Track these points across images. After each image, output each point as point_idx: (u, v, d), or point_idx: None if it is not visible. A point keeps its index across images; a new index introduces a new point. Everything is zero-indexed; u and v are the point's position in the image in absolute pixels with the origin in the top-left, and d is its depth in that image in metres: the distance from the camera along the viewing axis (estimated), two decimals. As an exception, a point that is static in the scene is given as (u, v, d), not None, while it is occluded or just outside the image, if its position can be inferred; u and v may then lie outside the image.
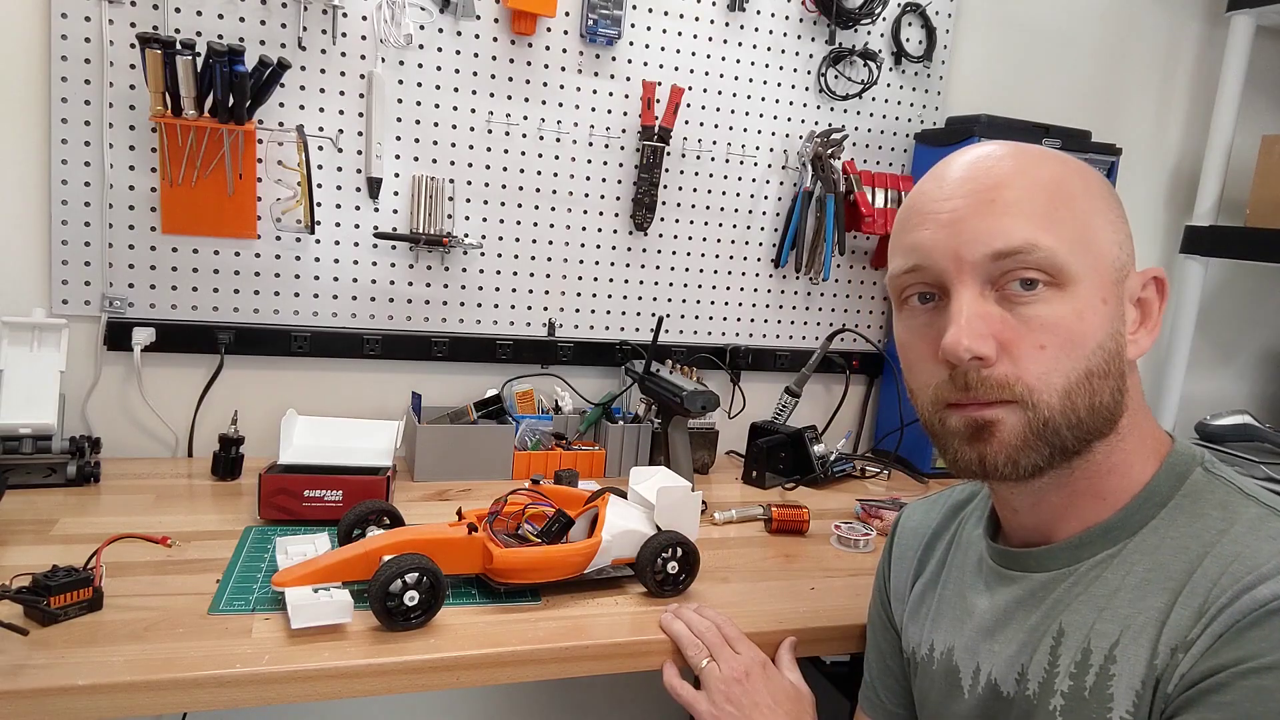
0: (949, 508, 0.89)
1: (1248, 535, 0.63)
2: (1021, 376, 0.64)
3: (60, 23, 1.30)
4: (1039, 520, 0.73)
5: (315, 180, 1.44)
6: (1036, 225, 0.64)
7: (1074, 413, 0.65)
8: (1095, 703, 0.64)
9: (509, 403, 1.53)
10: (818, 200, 1.71)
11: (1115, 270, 0.67)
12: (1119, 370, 0.67)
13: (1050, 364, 0.64)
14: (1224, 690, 0.57)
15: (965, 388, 0.66)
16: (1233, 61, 1.93)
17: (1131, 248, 0.70)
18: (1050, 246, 0.63)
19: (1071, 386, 0.64)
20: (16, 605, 0.87)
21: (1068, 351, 0.64)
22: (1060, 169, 0.68)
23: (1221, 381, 2.25)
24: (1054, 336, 0.64)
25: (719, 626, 0.97)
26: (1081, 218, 0.66)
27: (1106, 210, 0.68)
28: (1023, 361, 0.64)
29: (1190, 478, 0.68)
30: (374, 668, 0.87)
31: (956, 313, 0.65)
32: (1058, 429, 0.65)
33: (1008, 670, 0.72)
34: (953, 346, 0.64)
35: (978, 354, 0.64)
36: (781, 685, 0.93)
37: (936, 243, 0.67)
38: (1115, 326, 0.66)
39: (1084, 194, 0.67)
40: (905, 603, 0.89)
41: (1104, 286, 0.66)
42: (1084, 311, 0.64)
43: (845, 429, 1.85)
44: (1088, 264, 0.65)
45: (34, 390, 1.26)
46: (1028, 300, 0.64)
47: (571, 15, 1.54)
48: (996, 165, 0.67)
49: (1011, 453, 0.66)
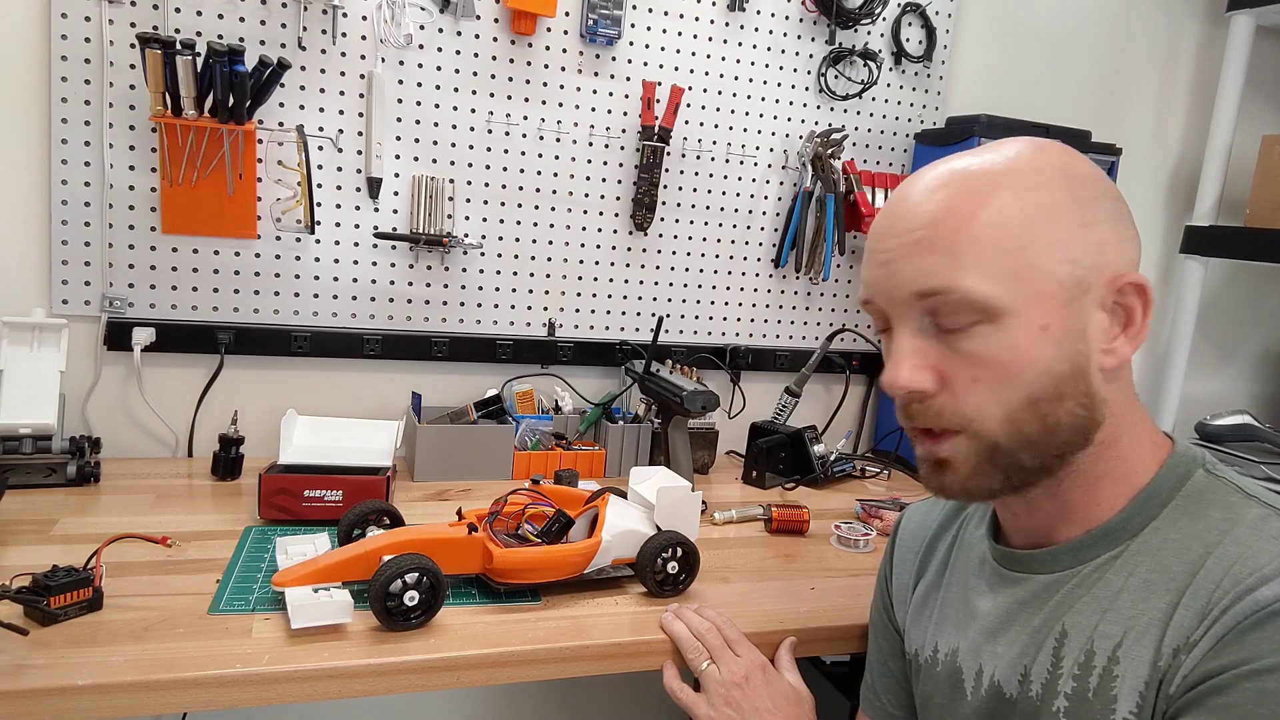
0: (951, 509, 0.89)
1: (1250, 536, 0.63)
2: (959, 408, 0.66)
3: (60, 23, 1.30)
4: (1037, 524, 0.73)
5: (315, 180, 1.44)
6: (958, 264, 0.64)
7: (1022, 436, 0.66)
8: (1099, 704, 0.64)
9: (509, 403, 1.53)
10: (818, 200, 1.71)
11: (1064, 290, 0.64)
12: (1081, 389, 0.66)
13: (985, 396, 0.66)
14: (1226, 692, 0.57)
15: (909, 417, 0.70)
16: (1233, 61, 1.93)
17: (1101, 255, 0.66)
18: (967, 286, 0.64)
19: (1013, 414, 0.65)
20: (16, 605, 0.87)
21: (1003, 383, 0.65)
22: (1000, 195, 0.65)
23: (1221, 381, 2.25)
24: (987, 370, 0.65)
25: (720, 628, 0.97)
26: (1014, 248, 0.64)
27: (1056, 227, 0.65)
28: (959, 394, 0.66)
29: (1191, 479, 0.68)
30: (374, 668, 0.87)
31: (896, 350, 0.68)
32: (1008, 452, 0.66)
33: (1011, 672, 0.72)
34: (888, 383, 0.69)
35: (910, 389, 0.67)
36: (781, 688, 0.93)
37: (877, 281, 0.69)
38: (1068, 347, 0.65)
39: (1025, 220, 0.64)
40: (907, 604, 0.89)
41: (1045, 312, 0.64)
42: (1017, 342, 0.64)
43: (845, 429, 1.85)
44: (1022, 293, 0.64)
45: (34, 390, 1.26)
46: (960, 335, 0.66)
47: (571, 15, 1.54)
48: (928, 199, 0.67)
49: (964, 482, 0.69)
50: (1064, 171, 0.67)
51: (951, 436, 0.68)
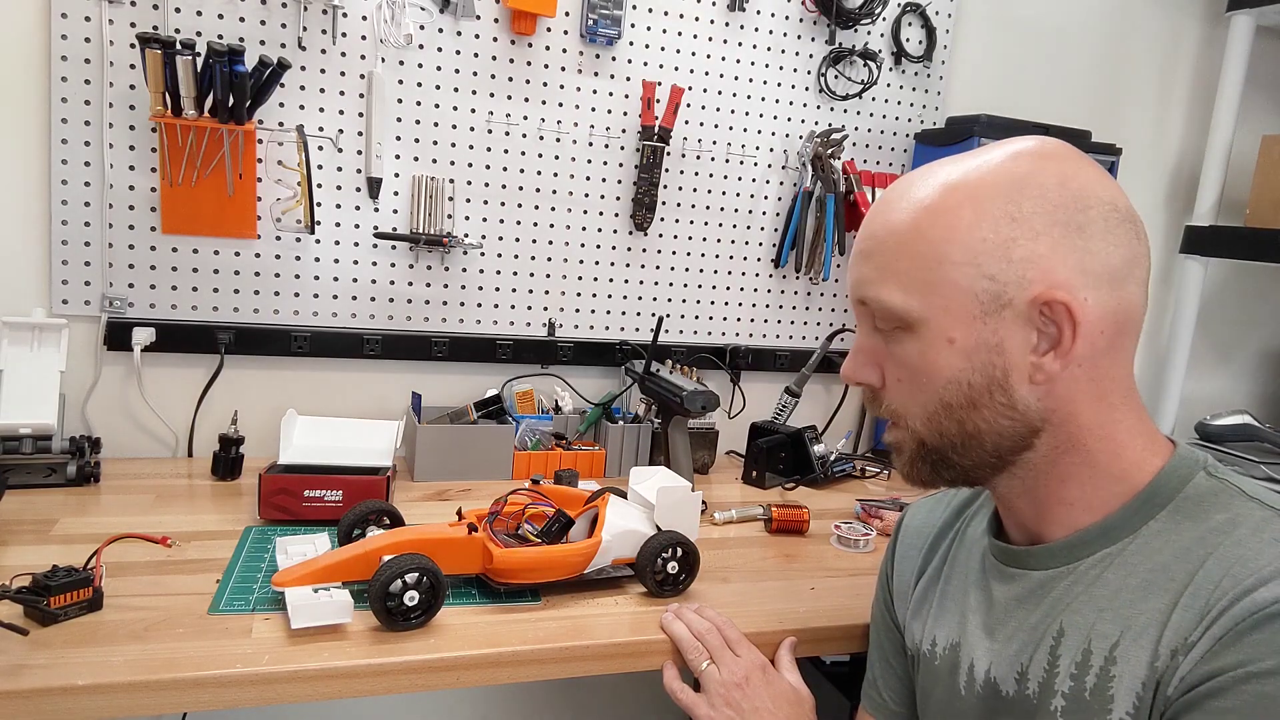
0: (954, 506, 0.89)
1: (1251, 538, 0.63)
2: (891, 403, 0.74)
3: (60, 23, 1.30)
4: (1024, 520, 0.74)
5: (315, 180, 1.44)
6: (881, 275, 0.70)
7: (945, 437, 0.71)
8: (1096, 703, 0.65)
9: (509, 403, 1.53)
10: (818, 200, 1.71)
11: (977, 305, 0.66)
12: (999, 400, 0.67)
13: (906, 395, 0.72)
14: (1223, 695, 0.57)
15: (868, 405, 0.78)
16: (1233, 61, 1.93)
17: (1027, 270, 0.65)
18: (882, 297, 0.70)
19: (930, 415, 0.71)
20: (16, 605, 0.87)
21: (919, 385, 0.70)
22: (925, 213, 0.67)
23: (1221, 381, 2.25)
24: (905, 371, 0.71)
25: (720, 628, 0.97)
26: (930, 262, 0.67)
27: (980, 242, 0.65)
28: (890, 391, 0.73)
29: (1193, 480, 0.68)
30: (374, 668, 0.87)
31: (852, 346, 0.76)
32: (936, 448, 0.72)
33: (1008, 669, 0.72)
34: (842, 373, 0.77)
35: (856, 381, 0.75)
36: (781, 688, 0.93)
37: (848, 282, 0.76)
38: (981, 359, 0.67)
39: (942, 236, 0.66)
40: (908, 600, 0.89)
41: (953, 326, 0.67)
42: (926, 351, 0.69)
43: (845, 429, 1.85)
44: (933, 306, 0.67)
45: (34, 390, 1.26)
46: (890, 338, 0.72)
47: (571, 15, 1.54)
48: (876, 214, 0.72)
49: (906, 467, 0.75)
50: (1015, 185, 0.66)
51: (894, 427, 0.75)
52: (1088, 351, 0.66)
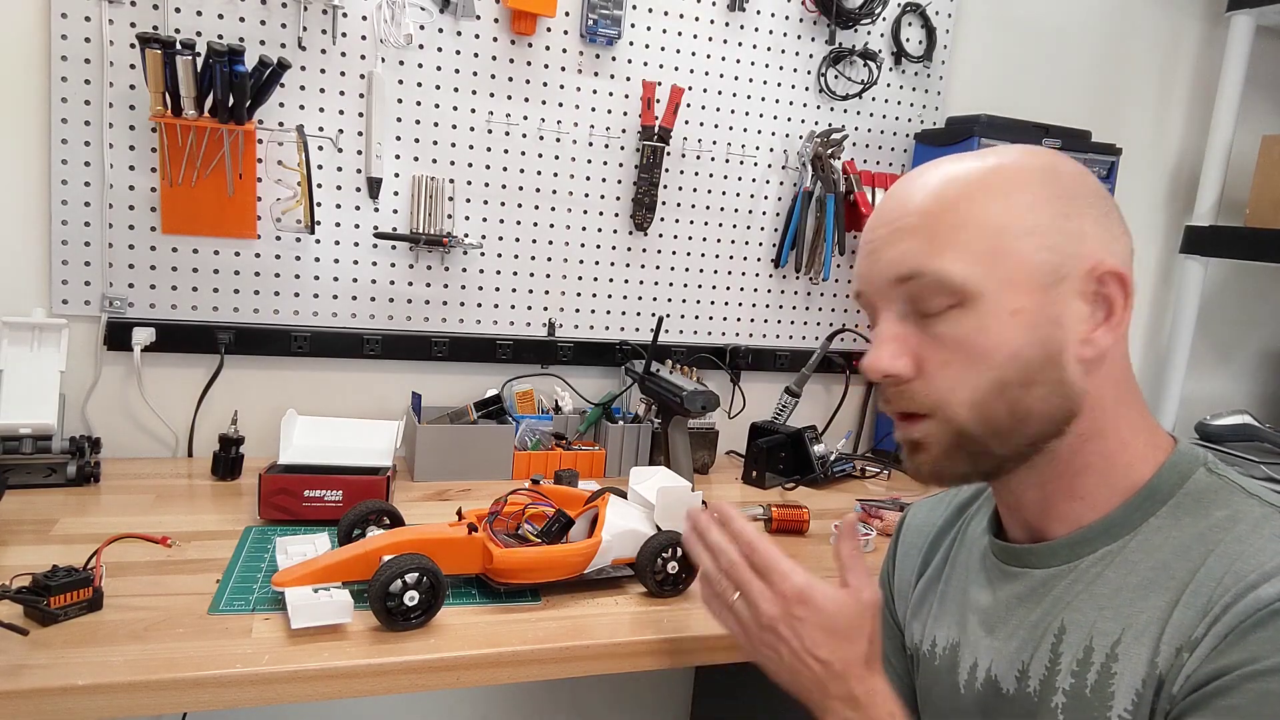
0: (954, 505, 0.89)
1: (1252, 534, 0.63)
2: (929, 392, 0.69)
3: (60, 23, 1.30)
4: (1027, 516, 0.74)
5: (315, 180, 1.44)
6: (934, 248, 0.67)
7: (990, 422, 0.67)
8: (1096, 701, 0.65)
9: (509, 403, 1.53)
10: (818, 200, 1.71)
11: (1040, 275, 0.66)
12: (1053, 377, 0.66)
13: (955, 379, 0.67)
14: (1229, 693, 0.57)
15: (887, 401, 0.72)
16: (1233, 61, 1.93)
17: (1081, 244, 0.66)
18: (939, 269, 0.66)
19: (980, 398, 0.67)
20: (16, 605, 0.87)
21: (972, 365, 0.67)
22: (975, 182, 0.67)
23: (1221, 381, 2.25)
24: (956, 353, 0.67)
25: (749, 554, 0.81)
26: (988, 232, 0.66)
27: (1036, 214, 0.66)
28: (932, 379, 0.68)
29: (1193, 477, 0.68)
30: (374, 668, 0.87)
31: (877, 335, 0.71)
32: (976, 438, 0.68)
33: (1008, 667, 0.72)
34: (866, 367, 0.71)
35: (887, 373, 0.70)
36: (824, 620, 0.77)
37: (865, 272, 0.72)
38: (1042, 333, 0.66)
39: (1002, 206, 0.66)
40: (909, 600, 0.89)
41: (1017, 296, 0.65)
42: (988, 326, 0.66)
43: (845, 429, 1.85)
44: (995, 277, 0.65)
45: (34, 390, 1.26)
46: (935, 319, 0.68)
47: (571, 15, 1.54)
48: (912, 192, 0.70)
49: (934, 465, 0.71)
50: (1047, 169, 0.69)
51: (921, 420, 0.70)
52: (1123, 331, 0.68)
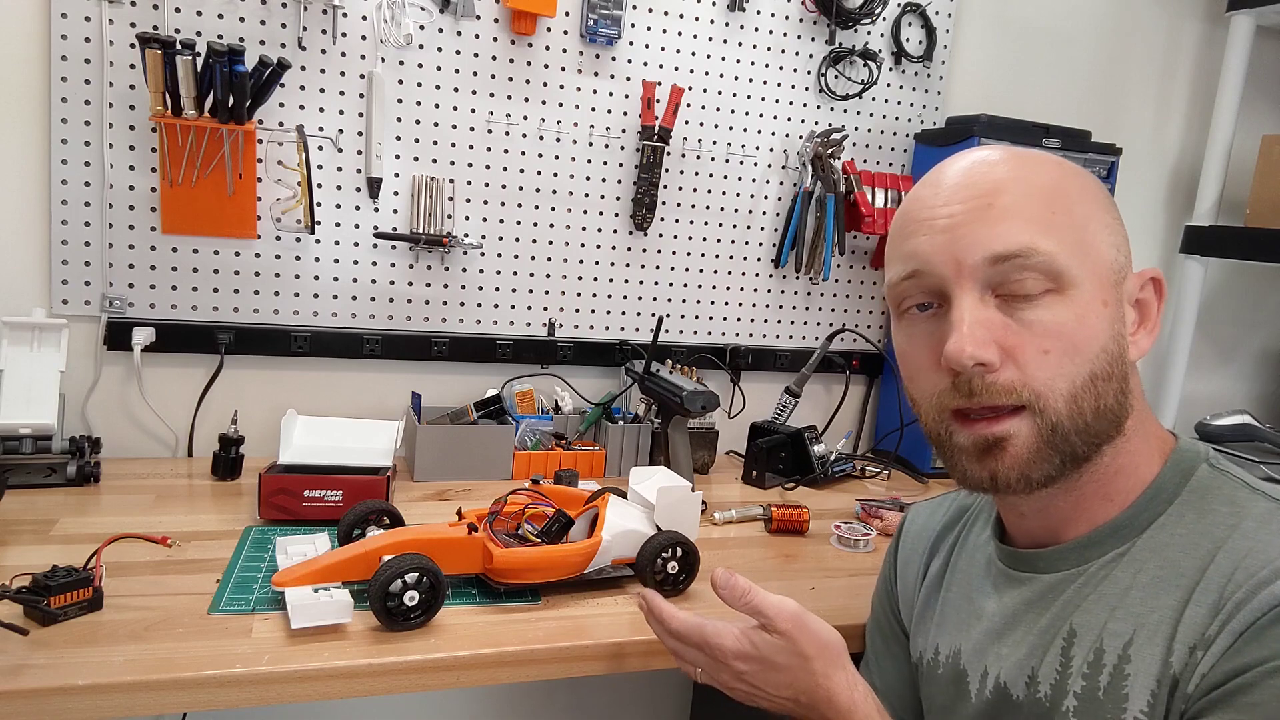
0: (954, 510, 0.88)
1: (1259, 530, 0.63)
2: (1028, 382, 0.64)
3: (60, 23, 1.30)
4: (1045, 523, 0.73)
5: (315, 180, 1.44)
6: (1035, 229, 0.64)
7: (1081, 417, 0.65)
8: (1110, 703, 0.64)
9: (509, 403, 1.53)
10: (818, 200, 1.71)
11: (1114, 272, 0.67)
12: (1121, 372, 0.67)
13: (1055, 368, 0.64)
14: (1251, 690, 0.57)
15: (970, 394, 0.65)
16: (1233, 61, 1.93)
17: (1128, 250, 0.70)
18: (1049, 250, 0.63)
19: (1077, 390, 0.64)
20: (16, 605, 0.87)
21: (1071, 356, 0.64)
22: (1056, 173, 0.68)
23: (1221, 381, 2.25)
24: (1057, 341, 0.64)
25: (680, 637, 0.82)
26: (1079, 221, 0.66)
27: (1102, 213, 0.68)
28: (1028, 367, 0.64)
29: (1196, 473, 0.69)
30: (374, 668, 0.87)
31: (958, 319, 0.65)
32: (1067, 435, 0.65)
33: (1017, 673, 0.72)
34: (955, 354, 0.64)
35: (980, 360, 0.63)
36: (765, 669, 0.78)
37: (935, 249, 0.66)
38: (1117, 329, 0.66)
39: (1081, 198, 0.67)
40: (913, 607, 0.88)
41: (1104, 289, 0.66)
42: (1085, 315, 0.64)
43: (845, 429, 1.85)
44: (1087, 267, 0.65)
45: (34, 390, 1.26)
46: (1029, 305, 0.64)
47: (571, 15, 1.54)
48: (992, 170, 0.67)
49: (1023, 467, 0.65)
50: (1088, 172, 0.71)
51: (1010, 417, 0.65)
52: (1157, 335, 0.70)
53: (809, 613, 0.77)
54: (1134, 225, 2.01)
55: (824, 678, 0.75)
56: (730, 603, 0.79)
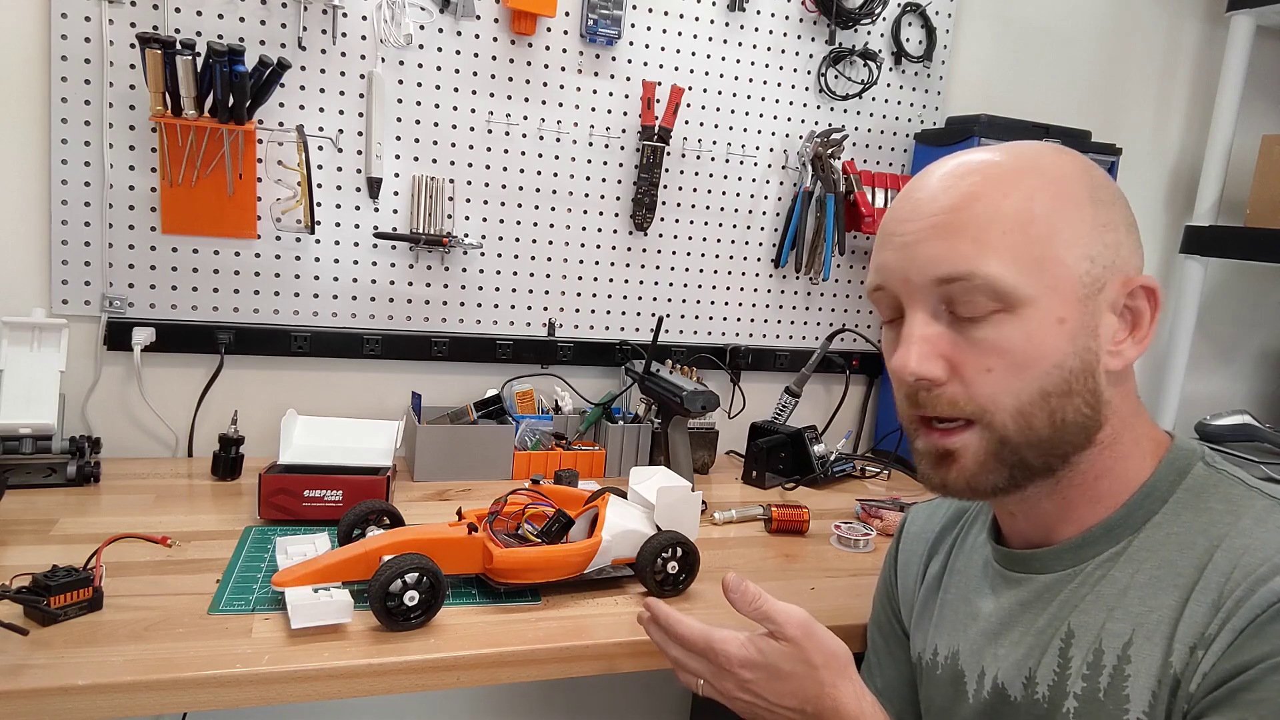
0: (953, 511, 0.88)
1: (1256, 528, 0.63)
2: (972, 397, 0.66)
3: (60, 23, 1.30)
4: (1035, 524, 0.73)
5: (315, 180, 1.44)
6: (982, 250, 0.64)
7: (1033, 432, 0.66)
8: (1111, 704, 0.64)
9: (509, 403, 1.53)
10: (818, 200, 1.71)
11: (1082, 286, 0.65)
12: (1089, 386, 0.66)
13: (998, 386, 0.65)
14: (1254, 687, 0.57)
15: (917, 404, 0.69)
16: (1233, 61, 1.93)
17: (1117, 257, 0.66)
18: (992, 273, 0.64)
19: (1023, 406, 0.65)
20: (16, 605, 0.87)
21: (1016, 373, 0.65)
22: (1027, 185, 0.65)
23: (1221, 381, 2.25)
24: (1001, 359, 0.65)
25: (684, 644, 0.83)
26: (1038, 238, 0.64)
27: (1079, 223, 0.65)
28: (971, 384, 0.66)
29: (1191, 472, 0.69)
30: (374, 668, 0.87)
31: (906, 335, 0.67)
32: (1016, 449, 0.66)
33: (1015, 674, 0.72)
34: (899, 368, 0.67)
35: (921, 375, 0.66)
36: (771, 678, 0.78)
37: (893, 266, 0.68)
38: (1080, 343, 0.65)
39: (1051, 211, 0.65)
40: (913, 607, 0.88)
41: (1063, 305, 0.64)
42: (1033, 333, 0.64)
43: (845, 429, 1.85)
44: (1043, 284, 0.64)
45: (34, 390, 1.26)
46: (977, 323, 0.65)
47: (571, 15, 1.54)
48: (956, 185, 0.67)
49: (969, 478, 0.68)
50: (1085, 172, 0.68)
51: (961, 431, 0.67)
52: (1148, 344, 0.68)
53: (817, 622, 0.77)
54: (1134, 225, 2.02)
55: (831, 687, 0.75)
56: (739, 607, 0.79)
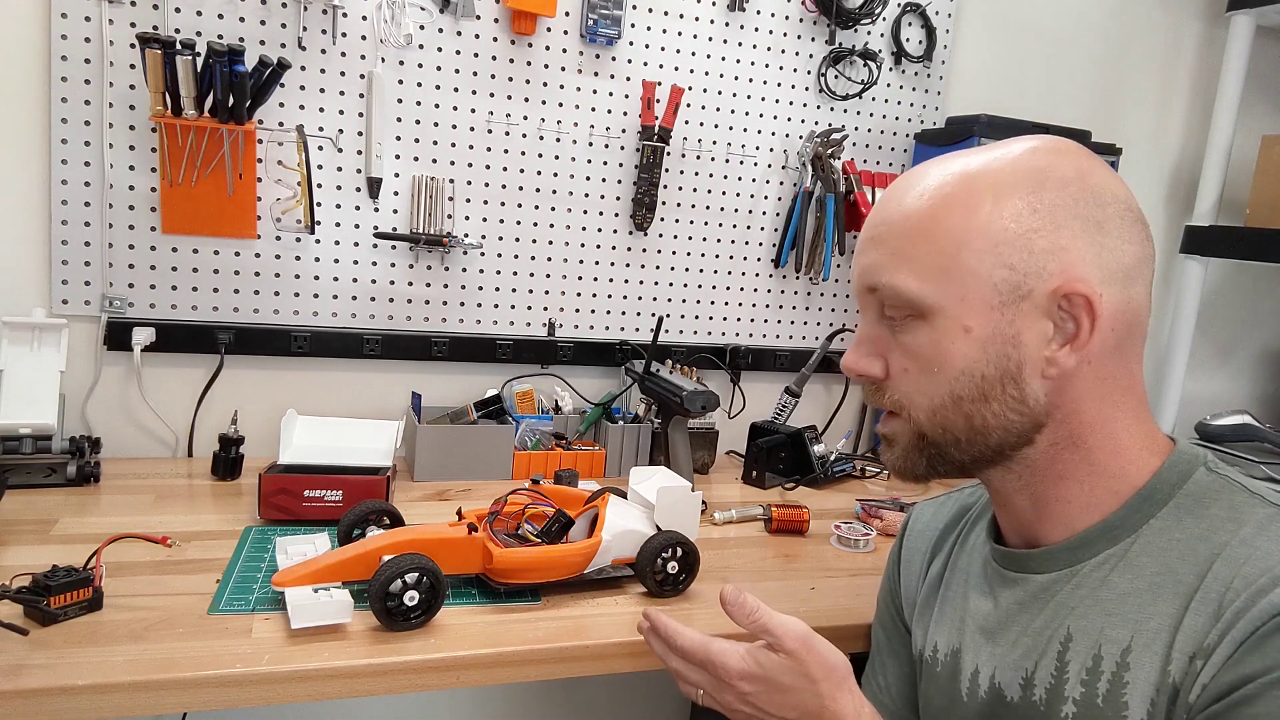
0: (956, 509, 0.89)
1: (1257, 537, 0.62)
2: (895, 395, 0.72)
3: (60, 23, 1.30)
4: (1019, 520, 0.74)
5: (315, 180, 1.44)
6: (896, 261, 0.69)
7: (949, 432, 0.70)
8: (1109, 710, 0.64)
9: (509, 403, 1.53)
10: (818, 200, 1.71)
11: (995, 295, 0.65)
12: (1010, 394, 0.67)
13: (913, 386, 0.70)
14: (1253, 702, 0.57)
15: (866, 396, 0.76)
16: (1233, 61, 1.93)
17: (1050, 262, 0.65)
18: (898, 284, 0.68)
19: (936, 407, 0.69)
20: (16, 605, 0.87)
21: (928, 376, 0.69)
22: (943, 199, 0.67)
23: (1221, 381, 2.25)
24: (914, 362, 0.70)
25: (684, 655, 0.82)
26: (947, 248, 0.66)
27: (1002, 230, 0.65)
28: (894, 381, 0.72)
29: (1193, 477, 0.68)
30: (374, 668, 0.87)
31: (856, 334, 0.74)
32: (935, 443, 0.71)
33: (1012, 675, 0.72)
34: (845, 364, 0.75)
35: (857, 372, 0.73)
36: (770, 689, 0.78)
37: (854, 270, 0.75)
38: (995, 350, 0.66)
39: (961, 223, 0.66)
40: (915, 604, 0.89)
41: (971, 315, 0.66)
42: (940, 340, 0.68)
43: (845, 429, 1.85)
44: (949, 294, 0.66)
45: (34, 390, 1.26)
46: (899, 328, 0.70)
47: (571, 15, 1.54)
48: (891, 198, 0.71)
49: (898, 460, 0.74)
50: (1037, 175, 0.66)
51: (894, 418, 0.73)
52: (1099, 348, 0.66)
53: (816, 634, 0.78)
54: (1134, 225, 2.02)
55: (830, 700, 0.75)
56: (737, 620, 0.79)
